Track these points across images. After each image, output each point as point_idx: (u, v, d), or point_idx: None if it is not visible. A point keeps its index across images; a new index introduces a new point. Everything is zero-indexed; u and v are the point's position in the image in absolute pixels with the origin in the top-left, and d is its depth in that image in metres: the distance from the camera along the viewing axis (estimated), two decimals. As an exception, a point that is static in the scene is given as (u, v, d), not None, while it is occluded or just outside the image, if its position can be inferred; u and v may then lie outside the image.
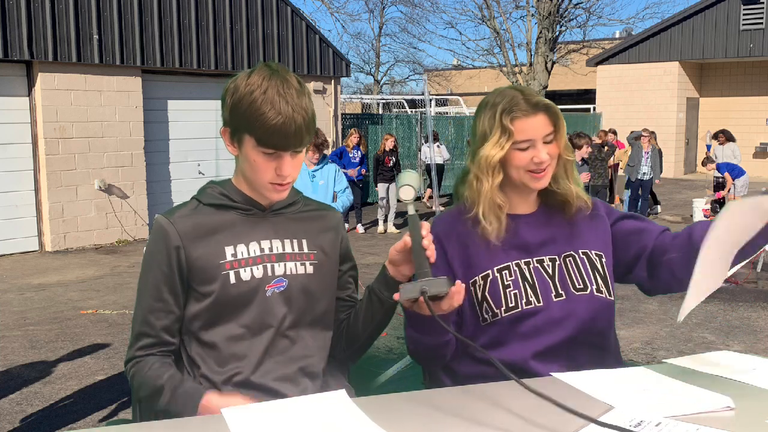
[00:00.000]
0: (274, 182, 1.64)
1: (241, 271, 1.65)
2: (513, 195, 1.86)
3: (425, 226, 1.63)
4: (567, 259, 1.86)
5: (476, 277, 1.83)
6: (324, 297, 1.76)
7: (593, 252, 1.88)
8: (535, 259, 1.84)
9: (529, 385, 1.38)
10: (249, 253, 1.67)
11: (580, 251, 1.87)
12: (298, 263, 1.72)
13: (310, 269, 1.73)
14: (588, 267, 1.86)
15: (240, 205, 1.70)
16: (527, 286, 1.81)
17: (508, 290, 1.81)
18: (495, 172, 1.80)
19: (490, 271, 1.82)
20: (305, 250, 1.74)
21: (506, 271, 1.82)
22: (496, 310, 1.80)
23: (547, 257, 1.85)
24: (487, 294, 1.81)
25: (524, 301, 1.79)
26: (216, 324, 1.67)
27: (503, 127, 1.77)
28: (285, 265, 1.70)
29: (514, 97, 1.80)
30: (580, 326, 1.81)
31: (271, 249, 1.70)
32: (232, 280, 1.65)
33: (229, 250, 1.66)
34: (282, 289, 1.69)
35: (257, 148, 1.60)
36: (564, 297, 1.82)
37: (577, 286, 1.83)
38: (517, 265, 1.83)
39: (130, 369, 1.70)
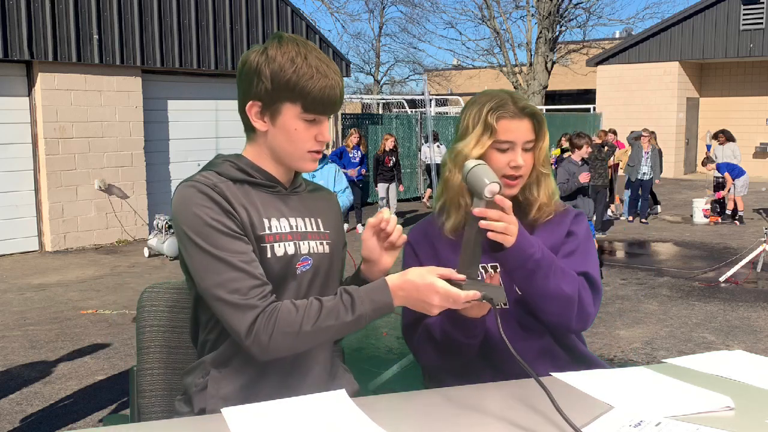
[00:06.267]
0: (312, 150, 1.61)
1: (276, 245, 1.59)
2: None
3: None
4: None
5: None
6: (337, 278, 1.73)
7: None
8: (491, 265, 1.82)
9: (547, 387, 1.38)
10: (281, 228, 1.61)
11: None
12: (318, 242, 1.67)
13: (327, 249, 1.69)
14: None
15: (265, 182, 1.63)
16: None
17: None
18: None
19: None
20: (322, 229, 1.70)
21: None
22: None
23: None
24: None
25: None
26: None
27: (486, 124, 1.76)
28: (309, 243, 1.65)
29: (503, 98, 1.79)
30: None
31: (297, 227, 1.64)
32: (269, 254, 1.58)
33: (266, 223, 1.59)
34: (307, 268, 1.64)
35: (302, 115, 1.57)
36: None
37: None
38: (483, 267, 1.82)
39: (264, 323, 1.46)
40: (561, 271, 1.72)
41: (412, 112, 20.14)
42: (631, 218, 12.45)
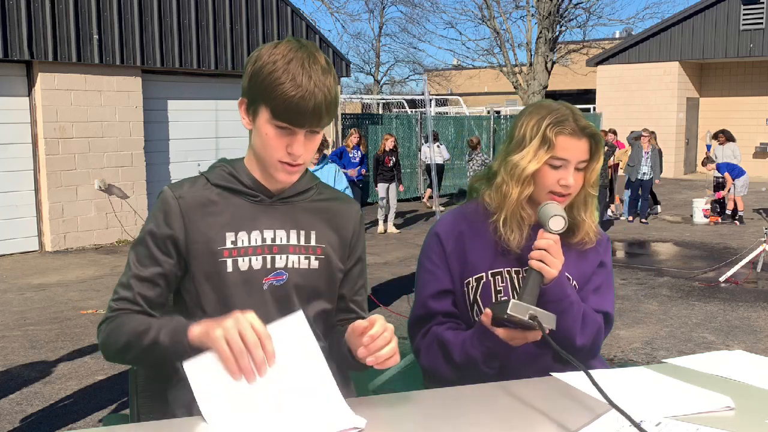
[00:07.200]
0: (284, 161, 1.55)
1: (240, 260, 1.57)
2: (530, 207, 1.83)
3: None
4: None
5: (470, 278, 1.82)
6: (327, 295, 1.67)
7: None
8: (525, 269, 1.81)
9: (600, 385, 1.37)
10: (250, 242, 1.58)
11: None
12: (302, 257, 1.62)
13: (314, 264, 1.63)
14: None
15: (247, 191, 1.61)
16: (516, 295, 1.79)
17: (499, 296, 1.80)
18: (525, 183, 1.77)
19: (484, 274, 1.82)
20: (312, 243, 1.64)
21: (499, 277, 1.82)
22: None
23: None
24: (478, 297, 1.81)
25: None
26: (204, 311, 1.58)
27: (545, 138, 1.73)
28: (287, 257, 1.60)
29: (565, 114, 1.76)
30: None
31: (274, 240, 1.60)
32: (229, 268, 1.56)
33: (229, 237, 1.57)
34: (281, 282, 1.59)
35: (271, 121, 1.51)
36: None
37: None
38: (509, 272, 1.82)
39: (105, 328, 1.60)
40: (584, 322, 1.77)
41: (412, 112, 20.15)
42: (631, 218, 12.45)
